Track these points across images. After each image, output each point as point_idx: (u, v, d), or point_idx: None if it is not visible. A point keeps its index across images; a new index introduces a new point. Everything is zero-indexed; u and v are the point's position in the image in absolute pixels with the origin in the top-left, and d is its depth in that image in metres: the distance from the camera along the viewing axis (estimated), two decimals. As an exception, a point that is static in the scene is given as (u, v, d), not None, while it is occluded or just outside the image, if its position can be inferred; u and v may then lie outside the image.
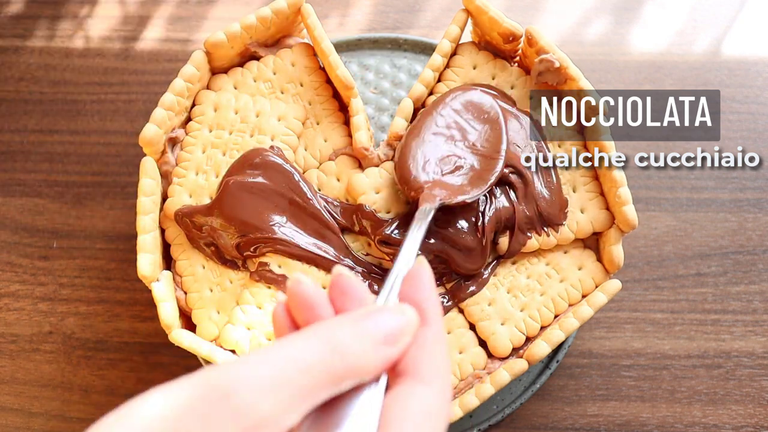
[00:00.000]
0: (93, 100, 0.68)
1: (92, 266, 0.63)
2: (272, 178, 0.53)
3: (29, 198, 0.65)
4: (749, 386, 0.61)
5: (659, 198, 0.65)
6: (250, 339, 0.52)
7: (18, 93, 0.68)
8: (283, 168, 0.54)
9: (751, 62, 0.69)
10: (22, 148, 0.67)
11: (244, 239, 0.53)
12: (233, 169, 0.54)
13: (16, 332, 0.62)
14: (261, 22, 0.55)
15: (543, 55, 0.54)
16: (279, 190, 0.53)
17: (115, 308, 0.62)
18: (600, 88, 0.68)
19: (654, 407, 0.60)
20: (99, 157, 0.66)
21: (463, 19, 0.56)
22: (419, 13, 0.70)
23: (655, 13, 0.71)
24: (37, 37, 0.70)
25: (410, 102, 0.55)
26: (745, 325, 0.62)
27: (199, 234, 0.53)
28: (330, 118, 0.57)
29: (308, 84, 0.57)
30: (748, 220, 0.65)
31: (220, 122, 0.55)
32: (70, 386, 0.61)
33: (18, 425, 0.60)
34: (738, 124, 0.67)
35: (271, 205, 0.53)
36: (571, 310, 0.53)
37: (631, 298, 0.63)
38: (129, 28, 0.70)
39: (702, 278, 0.63)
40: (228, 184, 0.53)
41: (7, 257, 0.64)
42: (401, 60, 0.66)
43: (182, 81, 0.54)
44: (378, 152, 0.55)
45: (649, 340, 0.62)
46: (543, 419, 0.60)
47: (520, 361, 0.52)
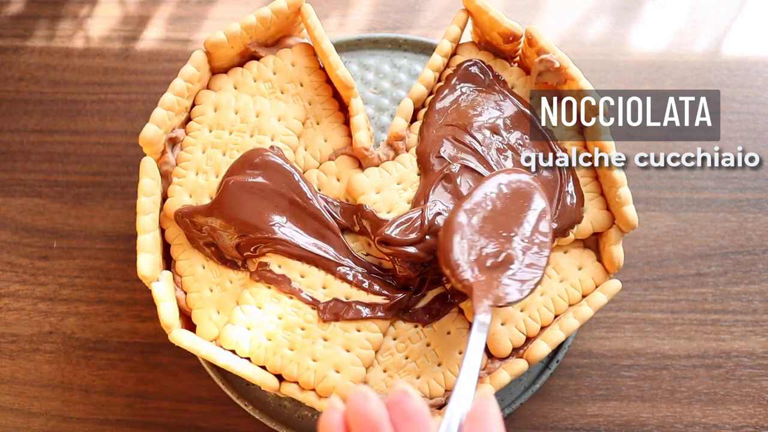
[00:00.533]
0: (93, 100, 0.68)
1: (92, 266, 0.63)
2: (272, 178, 0.53)
3: (29, 198, 0.65)
4: (749, 386, 0.61)
5: (659, 198, 0.65)
6: (250, 339, 0.52)
7: (18, 93, 0.68)
8: (283, 168, 0.54)
9: (751, 62, 0.69)
10: (22, 148, 0.67)
11: (244, 239, 0.53)
12: (233, 169, 0.54)
13: (16, 332, 0.62)
14: (261, 22, 0.55)
15: (543, 55, 0.54)
16: (279, 190, 0.53)
17: (115, 308, 0.62)
18: (600, 88, 0.68)
19: (654, 407, 0.60)
20: (99, 157, 0.66)
21: (463, 19, 0.56)
22: (419, 13, 0.70)
23: (655, 13, 0.71)
24: (37, 37, 0.70)
25: (410, 102, 0.55)
26: (745, 325, 0.62)
27: (199, 234, 0.53)
28: (330, 118, 0.57)
29: (308, 84, 0.57)
30: (748, 220, 0.65)
31: (220, 122, 0.55)
32: (70, 386, 0.61)
33: (18, 425, 0.60)
34: (738, 124, 0.67)
35: (271, 206, 0.53)
36: (571, 310, 0.53)
37: (631, 298, 0.63)
38: (129, 28, 0.70)
39: (702, 278, 0.63)
40: (228, 185, 0.53)
41: (7, 257, 0.64)
42: (401, 60, 0.66)
43: (182, 81, 0.54)
44: (378, 152, 0.55)
45: (649, 340, 0.62)
46: (543, 419, 0.60)
47: (520, 361, 0.52)
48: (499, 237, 0.48)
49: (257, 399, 0.58)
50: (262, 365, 0.52)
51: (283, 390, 0.51)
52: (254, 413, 0.57)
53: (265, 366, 0.52)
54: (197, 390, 0.60)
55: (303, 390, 0.52)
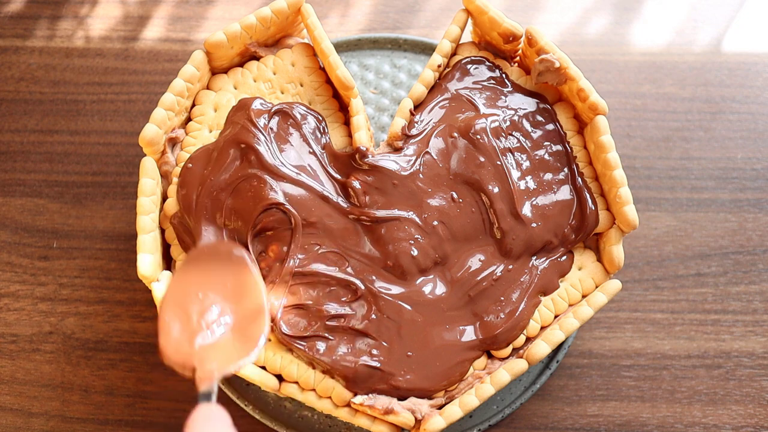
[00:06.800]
0: (93, 100, 0.68)
1: (92, 266, 0.63)
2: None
3: (29, 198, 0.65)
4: (749, 386, 0.61)
5: (659, 198, 0.65)
6: (250, 339, 0.52)
7: (18, 93, 0.68)
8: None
9: (751, 62, 0.69)
10: (22, 148, 0.67)
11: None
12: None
13: (16, 332, 0.62)
14: (261, 22, 0.55)
15: (543, 55, 0.54)
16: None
17: (115, 308, 0.62)
18: (600, 88, 0.68)
19: (654, 407, 0.60)
20: (99, 157, 0.66)
21: (463, 19, 0.56)
22: (419, 13, 0.70)
23: (655, 13, 0.71)
24: (37, 37, 0.70)
25: (410, 102, 0.55)
26: (745, 325, 0.62)
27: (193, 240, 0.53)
28: (330, 118, 0.57)
29: (308, 84, 0.57)
30: (748, 220, 0.65)
31: (220, 122, 0.55)
32: (70, 386, 0.61)
33: (18, 425, 0.60)
34: (738, 124, 0.67)
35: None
36: (571, 310, 0.53)
37: (631, 298, 0.63)
38: (129, 28, 0.70)
39: (702, 278, 0.63)
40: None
41: (7, 257, 0.64)
42: (401, 60, 0.66)
43: (182, 81, 0.54)
44: (378, 151, 0.55)
45: (649, 340, 0.62)
46: (543, 419, 0.60)
47: (520, 361, 0.52)
48: (210, 310, 0.45)
49: (257, 399, 0.58)
50: (262, 365, 0.52)
51: (283, 390, 0.51)
52: (254, 413, 0.57)
53: (265, 366, 0.52)
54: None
55: (303, 390, 0.52)
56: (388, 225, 0.53)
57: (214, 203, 0.52)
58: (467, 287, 0.53)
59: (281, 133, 0.54)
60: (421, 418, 0.50)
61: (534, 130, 0.55)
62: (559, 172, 0.55)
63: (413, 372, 0.51)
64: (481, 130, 0.54)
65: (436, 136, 0.55)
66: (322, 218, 0.53)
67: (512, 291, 0.53)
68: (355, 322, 0.52)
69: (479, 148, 0.54)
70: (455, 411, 0.50)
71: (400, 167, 0.54)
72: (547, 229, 0.53)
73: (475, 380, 0.52)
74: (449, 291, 0.53)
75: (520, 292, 0.53)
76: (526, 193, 0.54)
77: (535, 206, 0.54)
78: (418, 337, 0.52)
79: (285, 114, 0.54)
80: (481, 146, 0.54)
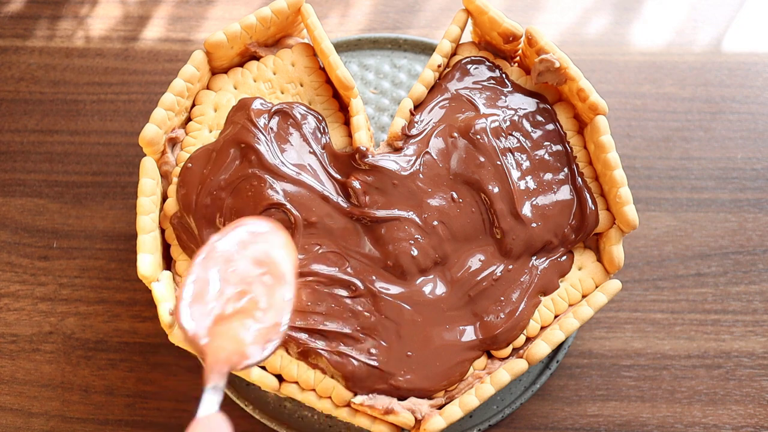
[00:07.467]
0: (93, 100, 0.68)
1: (92, 266, 0.63)
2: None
3: (29, 198, 0.65)
4: (749, 386, 0.61)
5: (659, 198, 0.65)
6: (250, 339, 0.52)
7: (18, 93, 0.68)
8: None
9: (751, 62, 0.69)
10: (22, 148, 0.67)
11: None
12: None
13: (16, 332, 0.62)
14: (261, 22, 0.55)
15: (543, 55, 0.54)
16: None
17: (115, 308, 0.62)
18: (600, 88, 0.68)
19: (654, 407, 0.60)
20: (99, 157, 0.66)
21: (463, 19, 0.56)
22: (419, 13, 0.70)
23: (655, 13, 0.71)
24: (37, 37, 0.70)
25: (410, 102, 0.55)
26: (745, 325, 0.62)
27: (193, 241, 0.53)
28: (330, 118, 0.57)
29: (308, 84, 0.57)
30: (748, 220, 0.65)
31: (220, 122, 0.55)
32: (70, 386, 0.61)
33: (18, 425, 0.60)
34: (738, 124, 0.67)
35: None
36: (571, 310, 0.53)
37: (631, 298, 0.63)
38: (129, 28, 0.70)
39: (702, 278, 0.63)
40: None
41: (7, 257, 0.64)
42: (401, 60, 0.66)
43: (182, 81, 0.54)
44: (378, 151, 0.55)
45: (649, 340, 0.62)
46: (543, 419, 0.60)
47: (520, 361, 0.52)
48: (236, 296, 0.43)
49: (257, 399, 0.58)
50: (262, 365, 0.52)
51: (284, 390, 0.51)
52: (254, 413, 0.57)
53: (265, 366, 0.52)
54: (197, 390, 0.60)
55: (303, 390, 0.52)
56: (388, 225, 0.53)
57: (214, 203, 0.52)
58: (467, 287, 0.53)
59: (281, 133, 0.54)
60: (421, 418, 0.50)
61: (534, 130, 0.55)
62: (559, 172, 0.55)
63: (413, 372, 0.51)
64: (481, 130, 0.54)
65: (436, 136, 0.55)
66: (323, 218, 0.53)
67: (512, 291, 0.53)
68: (355, 322, 0.52)
69: (479, 148, 0.54)
70: (455, 411, 0.50)
71: (400, 167, 0.54)
72: (547, 229, 0.53)
73: (475, 380, 0.52)
74: (449, 291, 0.53)
75: (520, 292, 0.53)
76: (526, 193, 0.54)
77: (535, 206, 0.54)
78: (418, 337, 0.52)
79: (285, 114, 0.54)
80: (481, 146, 0.54)
